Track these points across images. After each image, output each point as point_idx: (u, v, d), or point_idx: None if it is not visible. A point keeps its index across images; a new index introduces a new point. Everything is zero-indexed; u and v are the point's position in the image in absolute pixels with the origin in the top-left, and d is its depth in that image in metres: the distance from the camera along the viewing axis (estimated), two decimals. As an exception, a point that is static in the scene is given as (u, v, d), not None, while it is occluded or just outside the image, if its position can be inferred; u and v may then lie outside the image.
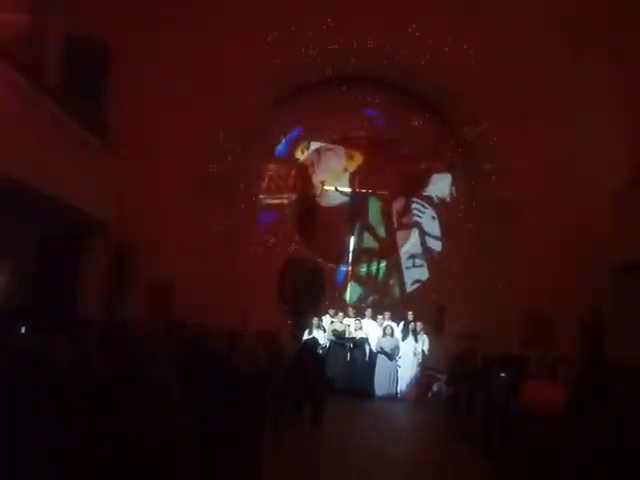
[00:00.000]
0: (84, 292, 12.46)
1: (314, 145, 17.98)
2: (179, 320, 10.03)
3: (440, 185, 17.87)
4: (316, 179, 17.95)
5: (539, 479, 6.17)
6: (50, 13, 12.72)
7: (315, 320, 14.87)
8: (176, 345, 6.73)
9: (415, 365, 14.53)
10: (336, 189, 17.32)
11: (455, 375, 11.70)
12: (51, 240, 12.54)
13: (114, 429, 3.06)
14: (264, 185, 17.80)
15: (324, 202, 17.87)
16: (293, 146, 17.97)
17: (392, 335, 14.63)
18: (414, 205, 17.95)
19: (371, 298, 17.36)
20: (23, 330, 6.78)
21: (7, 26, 10.78)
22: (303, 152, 17.98)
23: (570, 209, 15.02)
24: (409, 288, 17.53)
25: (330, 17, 15.85)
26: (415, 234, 17.85)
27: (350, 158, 17.98)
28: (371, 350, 14.69)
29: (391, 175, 17.93)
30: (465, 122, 16.84)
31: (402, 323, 15.21)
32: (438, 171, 17.92)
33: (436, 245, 17.74)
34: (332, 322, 15.09)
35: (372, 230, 17.86)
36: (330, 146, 18.03)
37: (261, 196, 17.76)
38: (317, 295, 16.84)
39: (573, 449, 5.16)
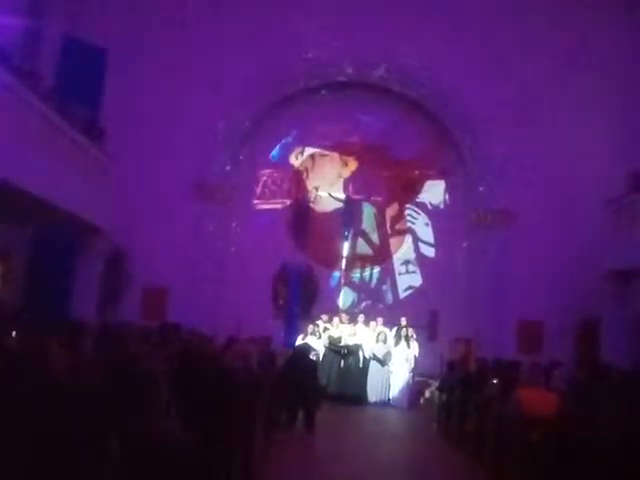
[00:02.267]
0: (80, 295, 12.42)
1: (308, 151, 18.02)
2: (174, 323, 10.03)
3: (434, 191, 17.91)
4: (310, 185, 17.97)
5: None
6: (46, 16, 12.74)
7: (311, 327, 14.83)
8: (171, 349, 6.74)
9: (407, 371, 14.50)
10: (330, 195, 17.33)
11: (448, 381, 11.69)
12: (47, 243, 12.52)
13: (111, 429, 3.07)
14: (259, 190, 17.82)
15: (318, 208, 17.89)
16: (288, 151, 18.00)
17: (385, 341, 14.60)
18: (408, 211, 17.98)
19: (364, 304, 17.37)
20: (16, 333, 6.76)
21: (3, 29, 10.78)
22: (297, 158, 18.01)
23: (566, 214, 15.09)
24: (402, 294, 17.55)
25: (328, 22, 15.93)
26: (408, 240, 17.88)
27: (344, 164, 18.01)
28: (364, 356, 14.66)
29: (385, 181, 17.97)
30: (460, 128, 16.90)
31: (395, 329, 15.18)
32: (432, 177, 17.96)
33: (429, 251, 17.77)
34: (325, 329, 15.03)
35: (366, 236, 17.88)
36: (324, 152, 18.06)
37: (255, 201, 17.79)
38: (310, 300, 16.84)
39: (567, 453, 5.18)
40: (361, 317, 15.59)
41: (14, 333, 6.72)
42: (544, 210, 15.55)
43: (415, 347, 14.74)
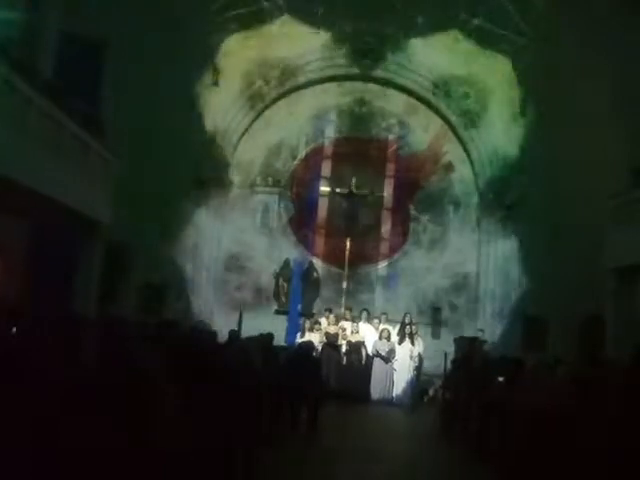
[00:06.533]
0: (79, 290, 12.35)
1: (311, 145, 17.95)
2: (171, 320, 9.93)
3: (438, 187, 17.81)
4: (313, 180, 17.87)
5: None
6: (46, 11, 12.66)
7: (308, 323, 14.78)
8: (169, 345, 6.64)
9: (411, 369, 14.42)
10: (334, 191, 17.22)
11: (452, 379, 11.61)
12: (46, 238, 12.45)
13: (109, 426, 3.00)
14: (260, 184, 17.80)
15: (321, 203, 17.80)
16: (290, 145, 17.93)
17: (389, 338, 14.52)
18: (412, 207, 17.89)
19: (368, 300, 17.27)
20: (15, 330, 6.67)
21: (3, 24, 10.71)
22: (300, 152, 17.95)
23: (569, 210, 15.00)
24: (406, 291, 17.45)
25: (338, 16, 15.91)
26: (413, 236, 17.78)
27: (348, 158, 17.89)
28: (367, 354, 14.58)
29: (389, 177, 17.89)
30: (465, 124, 16.87)
31: (398, 326, 15.11)
32: (437, 172, 17.86)
33: (434, 248, 17.68)
34: (327, 325, 14.98)
35: (369, 232, 17.78)
36: (328, 147, 17.98)
37: (258, 196, 17.74)
38: (313, 297, 16.80)
39: (573, 450, 5.11)
40: (364, 314, 15.52)
41: (14, 329, 6.64)
42: (549, 204, 15.45)
43: (420, 344, 14.67)
